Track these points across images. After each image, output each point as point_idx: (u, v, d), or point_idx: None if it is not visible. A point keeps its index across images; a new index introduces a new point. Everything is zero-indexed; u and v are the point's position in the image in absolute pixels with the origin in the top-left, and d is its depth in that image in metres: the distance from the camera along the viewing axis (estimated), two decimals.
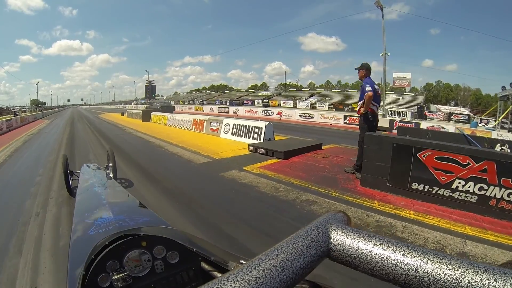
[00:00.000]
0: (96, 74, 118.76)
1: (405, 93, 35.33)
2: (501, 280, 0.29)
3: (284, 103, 36.52)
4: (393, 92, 36.20)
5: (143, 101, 64.15)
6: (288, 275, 0.33)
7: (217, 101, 43.38)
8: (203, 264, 0.97)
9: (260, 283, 0.30)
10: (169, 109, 36.70)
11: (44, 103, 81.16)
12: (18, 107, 48.89)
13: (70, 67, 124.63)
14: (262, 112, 26.82)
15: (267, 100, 39.22)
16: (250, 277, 0.30)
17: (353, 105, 28.81)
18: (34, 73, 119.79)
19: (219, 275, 0.85)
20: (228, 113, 30.09)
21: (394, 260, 0.34)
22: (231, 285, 0.29)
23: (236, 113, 28.39)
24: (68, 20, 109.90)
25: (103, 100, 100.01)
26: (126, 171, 5.04)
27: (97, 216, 1.34)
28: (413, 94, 36.22)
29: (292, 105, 34.20)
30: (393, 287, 0.35)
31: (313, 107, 32.37)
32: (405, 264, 0.34)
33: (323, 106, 32.02)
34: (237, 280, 0.30)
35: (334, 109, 28.40)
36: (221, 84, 77.69)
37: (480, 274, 0.30)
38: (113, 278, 0.83)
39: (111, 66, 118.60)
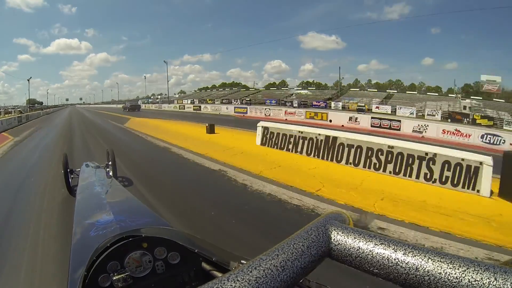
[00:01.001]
0: (95, 74, 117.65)
1: (494, 99, 26.69)
2: (502, 279, 0.29)
3: (379, 108, 25.34)
4: (481, 98, 27.76)
5: (149, 100, 60.93)
6: (289, 275, 0.33)
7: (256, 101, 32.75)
8: (204, 265, 0.97)
9: (260, 283, 0.30)
10: (137, 107, 37.55)
11: (41, 103, 73.25)
12: (12, 107, 44.73)
13: (69, 67, 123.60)
14: (482, 137, 13.00)
15: (344, 101, 27.74)
16: (251, 277, 0.30)
17: (475, 117, 20.60)
18: (33, 73, 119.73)
19: (219, 275, 0.86)
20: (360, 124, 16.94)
21: (395, 259, 0.34)
22: (231, 285, 0.29)
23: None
24: (67, 18, 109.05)
25: (103, 99, 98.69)
26: None
27: (98, 216, 1.34)
28: (503, 100, 26.80)
29: (389, 111, 24.07)
30: (394, 287, 0.35)
31: (420, 116, 22.52)
32: (406, 263, 0.34)
33: (434, 115, 22.64)
34: (238, 280, 0.30)
35: (449, 120, 20.48)
36: (233, 82, 67.44)
37: (480, 273, 0.30)
38: (114, 278, 0.83)
39: (110, 65, 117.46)
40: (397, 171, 5.12)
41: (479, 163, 4.40)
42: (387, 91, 35.88)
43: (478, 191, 4.36)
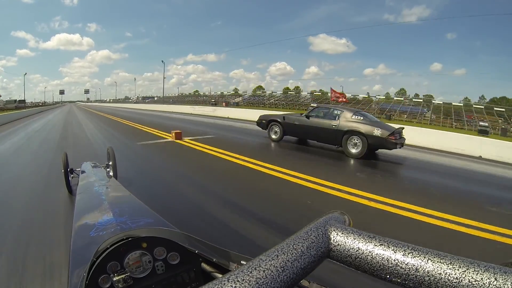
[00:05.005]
0: (95, 71, 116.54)
1: None
2: (502, 279, 0.29)
3: None
4: None
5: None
6: (289, 275, 0.33)
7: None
8: (204, 265, 0.97)
9: (260, 283, 0.30)
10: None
11: (23, 101, 56.44)
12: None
13: (69, 63, 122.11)
14: None
15: None
16: (251, 278, 0.30)
17: None
18: (32, 69, 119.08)
19: (219, 275, 0.86)
20: None
21: (394, 260, 0.35)
22: (231, 286, 0.29)
23: None
24: (68, 10, 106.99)
25: (102, 97, 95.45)
26: None
27: (98, 217, 1.34)
28: None
29: None
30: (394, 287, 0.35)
31: None
32: (406, 264, 0.34)
33: None
34: (238, 281, 0.30)
35: None
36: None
37: (480, 273, 0.30)
38: (114, 279, 0.84)
39: (112, 62, 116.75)
40: None
41: None
42: None
43: None
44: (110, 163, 3.69)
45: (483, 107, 33.21)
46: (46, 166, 5.28)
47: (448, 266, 0.32)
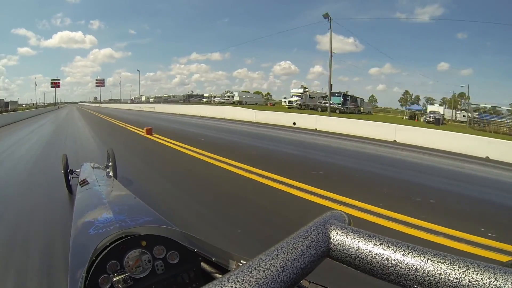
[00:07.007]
0: (98, 70, 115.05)
1: None
2: (502, 279, 0.29)
3: None
4: None
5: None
6: (289, 275, 0.33)
7: None
8: (203, 265, 0.97)
9: (260, 284, 0.30)
10: None
11: (17, 103, 52.75)
12: None
13: (71, 62, 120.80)
14: None
15: None
16: (251, 278, 0.30)
17: None
18: (34, 68, 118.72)
19: (219, 275, 0.86)
20: None
21: (394, 260, 0.34)
22: (231, 286, 0.29)
23: None
24: (70, 7, 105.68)
25: (103, 97, 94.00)
26: None
27: (97, 215, 1.34)
28: None
29: None
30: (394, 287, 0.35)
31: None
32: (406, 264, 0.34)
33: None
34: (238, 281, 0.30)
35: None
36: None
37: (480, 274, 0.30)
38: (114, 279, 0.83)
39: (114, 61, 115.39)
40: None
41: None
42: None
43: None
44: (110, 164, 3.69)
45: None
46: None
47: (448, 266, 0.32)
